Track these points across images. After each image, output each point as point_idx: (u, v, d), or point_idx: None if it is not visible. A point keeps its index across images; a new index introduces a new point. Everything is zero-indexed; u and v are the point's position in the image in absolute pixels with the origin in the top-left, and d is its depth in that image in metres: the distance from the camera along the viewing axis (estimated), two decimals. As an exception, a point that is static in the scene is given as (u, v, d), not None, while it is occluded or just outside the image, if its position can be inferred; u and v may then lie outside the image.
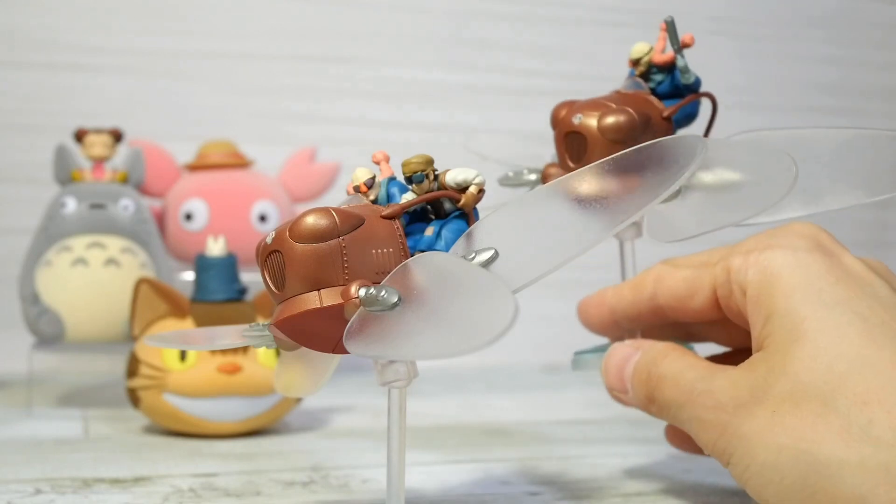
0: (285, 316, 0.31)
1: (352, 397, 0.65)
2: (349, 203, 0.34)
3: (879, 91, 0.95)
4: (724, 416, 0.32)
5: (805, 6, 0.92)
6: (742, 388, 0.32)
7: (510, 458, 0.47)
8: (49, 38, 0.75)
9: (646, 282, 0.39)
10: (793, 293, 0.33)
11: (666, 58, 0.39)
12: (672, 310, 0.38)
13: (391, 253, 0.32)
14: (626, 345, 0.38)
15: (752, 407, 0.32)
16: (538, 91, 0.85)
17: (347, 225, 0.32)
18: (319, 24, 0.81)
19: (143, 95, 0.77)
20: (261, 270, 0.32)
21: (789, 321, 0.32)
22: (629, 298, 0.39)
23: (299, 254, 0.31)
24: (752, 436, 0.31)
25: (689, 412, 0.34)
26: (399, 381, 0.33)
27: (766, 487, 0.31)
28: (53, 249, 0.57)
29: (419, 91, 0.83)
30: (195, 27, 0.78)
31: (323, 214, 0.31)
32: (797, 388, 0.31)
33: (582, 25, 0.87)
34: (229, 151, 0.66)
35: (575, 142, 0.37)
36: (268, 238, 0.32)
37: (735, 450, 0.32)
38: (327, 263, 0.31)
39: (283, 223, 0.32)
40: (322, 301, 0.31)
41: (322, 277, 0.31)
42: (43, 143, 0.65)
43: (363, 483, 0.42)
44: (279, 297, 0.32)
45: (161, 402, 0.50)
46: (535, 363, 0.81)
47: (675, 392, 0.34)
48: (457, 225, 0.33)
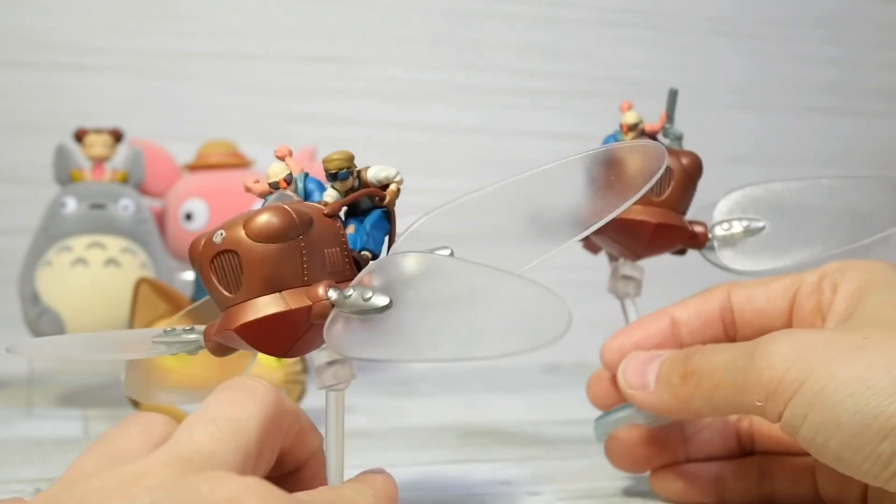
0: (249, 320, 0.30)
1: (352, 397, 0.64)
2: (279, 200, 0.32)
3: (879, 91, 0.95)
4: (799, 346, 0.31)
5: (805, 6, 0.92)
6: (822, 330, 0.32)
7: (510, 458, 0.47)
8: (49, 38, 0.75)
9: (717, 290, 0.39)
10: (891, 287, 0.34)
11: (656, 127, 0.41)
12: (740, 311, 0.38)
13: (338, 252, 0.32)
14: (647, 351, 0.37)
15: (838, 335, 0.31)
16: (538, 91, 0.85)
17: (304, 223, 0.30)
18: (319, 24, 0.81)
19: (143, 95, 0.77)
20: (202, 272, 0.30)
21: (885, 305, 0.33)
22: (697, 305, 0.39)
23: (260, 254, 0.30)
24: (836, 356, 0.30)
25: (747, 361, 0.32)
26: (340, 385, 0.33)
27: (846, 401, 0.29)
28: (53, 249, 0.57)
29: (419, 91, 0.83)
30: (195, 27, 0.78)
31: (281, 212, 0.30)
32: (885, 322, 0.31)
33: (582, 25, 0.87)
34: (229, 151, 0.66)
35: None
36: (214, 237, 0.30)
37: (814, 371, 0.30)
38: (288, 263, 0.30)
39: (230, 221, 0.30)
40: (289, 303, 0.30)
41: (284, 278, 0.30)
42: (43, 143, 0.65)
43: (363, 483, 0.42)
44: (231, 300, 0.30)
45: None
46: (535, 363, 0.81)
47: (726, 354, 0.33)
48: (381, 223, 0.33)
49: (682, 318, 0.39)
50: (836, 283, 0.35)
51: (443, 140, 0.82)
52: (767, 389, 0.31)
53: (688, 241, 0.40)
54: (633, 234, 0.39)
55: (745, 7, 0.91)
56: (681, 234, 0.39)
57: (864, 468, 0.30)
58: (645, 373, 0.36)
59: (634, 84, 0.87)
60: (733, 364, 0.33)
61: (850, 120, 0.94)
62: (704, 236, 0.40)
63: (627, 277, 0.40)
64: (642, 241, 0.39)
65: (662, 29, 0.88)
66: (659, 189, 0.38)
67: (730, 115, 0.90)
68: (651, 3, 0.88)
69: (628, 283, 0.40)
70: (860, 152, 0.94)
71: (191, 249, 0.31)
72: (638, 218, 0.38)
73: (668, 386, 0.35)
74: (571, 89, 0.86)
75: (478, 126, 0.84)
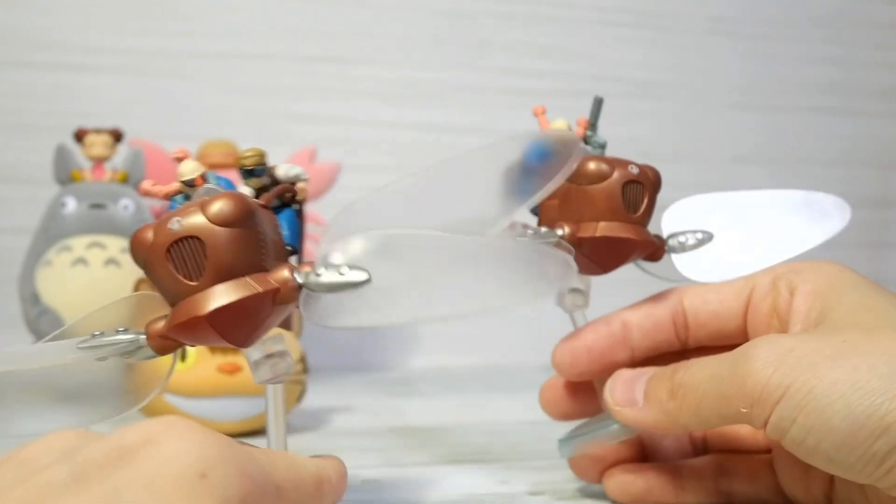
0: (221, 305, 0.29)
1: (352, 397, 0.65)
2: (208, 195, 0.31)
3: (880, 91, 0.95)
4: (781, 351, 0.31)
5: (805, 6, 0.92)
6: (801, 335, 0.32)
7: (510, 458, 0.47)
8: (49, 38, 0.75)
9: (669, 294, 0.39)
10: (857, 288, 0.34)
11: (578, 133, 0.41)
12: (694, 314, 0.38)
13: (279, 242, 0.32)
14: (633, 369, 0.38)
15: (818, 339, 0.32)
16: (538, 91, 0.85)
17: (255, 209, 0.30)
18: (319, 24, 0.81)
19: (143, 95, 0.77)
20: (154, 262, 0.30)
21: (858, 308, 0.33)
22: (649, 308, 0.39)
23: (224, 238, 0.29)
24: (821, 360, 0.31)
25: (730, 370, 0.32)
26: (278, 378, 0.33)
27: (837, 402, 0.30)
28: (53, 249, 0.57)
29: (419, 91, 0.83)
30: (195, 27, 0.78)
31: (238, 198, 0.30)
32: (861, 325, 0.32)
33: (582, 25, 0.87)
34: (229, 151, 0.66)
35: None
36: (170, 225, 0.30)
37: (799, 375, 0.31)
38: (249, 248, 0.30)
39: (180, 210, 0.30)
40: (256, 287, 0.30)
41: (246, 263, 0.30)
42: (43, 143, 0.65)
43: (363, 483, 0.42)
44: (194, 288, 0.30)
45: (161, 402, 0.50)
46: (535, 363, 0.81)
47: (709, 366, 0.34)
48: (296, 219, 0.33)
49: (632, 320, 0.39)
50: (791, 284, 0.36)
51: (443, 140, 0.82)
52: (752, 396, 0.31)
53: (652, 255, 0.40)
54: (612, 250, 0.39)
55: (745, 7, 0.91)
56: (650, 248, 0.39)
57: (857, 468, 0.30)
58: (633, 390, 0.36)
59: (634, 84, 0.87)
60: (716, 375, 0.33)
61: (851, 120, 0.94)
62: (663, 250, 0.40)
63: (576, 290, 0.41)
64: (620, 258, 0.39)
65: (662, 29, 0.88)
66: (634, 205, 0.39)
67: (730, 115, 0.90)
68: (651, 3, 0.88)
69: (577, 295, 0.41)
70: (860, 152, 0.94)
71: (137, 241, 0.30)
72: (621, 235, 0.38)
73: (656, 402, 0.35)
74: (571, 89, 0.86)
75: (478, 126, 0.84)
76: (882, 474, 0.30)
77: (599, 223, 0.38)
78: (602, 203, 0.38)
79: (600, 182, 0.38)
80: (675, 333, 0.39)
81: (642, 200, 0.39)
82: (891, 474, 0.30)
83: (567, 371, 0.40)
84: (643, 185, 0.38)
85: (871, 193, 0.93)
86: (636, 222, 0.39)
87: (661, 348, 0.39)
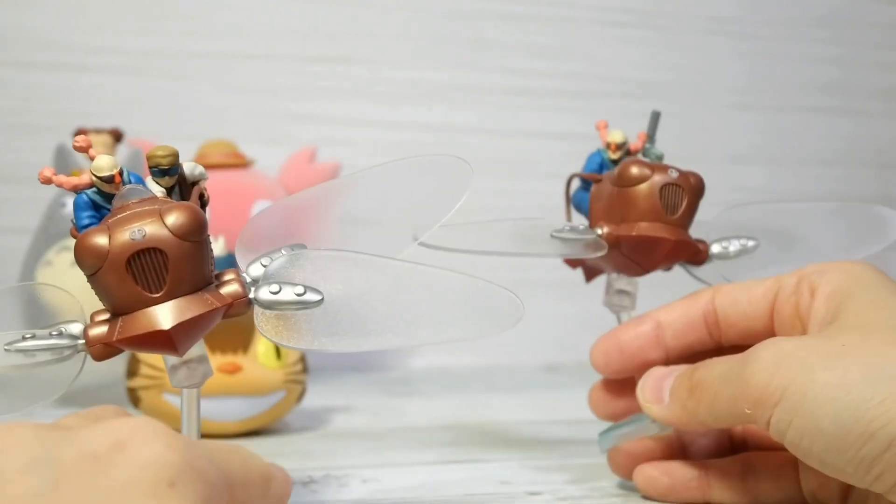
0: (185, 319, 0.29)
1: (351, 397, 0.65)
2: (133, 195, 0.31)
3: (880, 91, 0.95)
4: (781, 354, 0.32)
5: (805, 6, 0.92)
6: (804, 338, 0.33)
7: (510, 458, 0.47)
8: (49, 38, 0.75)
9: (702, 293, 0.40)
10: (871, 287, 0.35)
11: (637, 146, 0.43)
12: (724, 314, 0.39)
13: (212, 249, 0.32)
14: (665, 367, 0.39)
15: (818, 342, 0.32)
16: (538, 91, 0.85)
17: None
18: (319, 25, 0.81)
19: (143, 95, 0.77)
20: (111, 270, 0.29)
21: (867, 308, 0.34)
22: (682, 308, 0.40)
23: (187, 252, 0.29)
24: (817, 363, 0.31)
25: (738, 371, 0.33)
26: (195, 383, 0.33)
27: (826, 406, 0.30)
28: (53, 249, 0.57)
29: (419, 91, 0.83)
30: (195, 27, 0.78)
31: (193, 209, 0.30)
32: (865, 327, 0.32)
33: (582, 25, 0.86)
34: (229, 151, 0.66)
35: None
36: (132, 235, 0.29)
37: (796, 377, 0.31)
38: (205, 261, 0.30)
39: (136, 217, 0.29)
40: (213, 302, 0.30)
41: (202, 276, 0.30)
42: (43, 143, 0.65)
43: (363, 483, 0.42)
44: (154, 300, 0.30)
45: (161, 402, 0.50)
46: (535, 363, 0.81)
47: (722, 366, 0.34)
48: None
49: (666, 321, 0.40)
50: (813, 285, 0.36)
51: (443, 140, 0.82)
52: (754, 397, 0.32)
53: (692, 258, 0.41)
54: (649, 249, 0.40)
55: (745, 7, 0.91)
56: (690, 250, 0.41)
57: (847, 471, 0.31)
58: (661, 388, 0.37)
59: (634, 84, 0.87)
60: (728, 375, 0.34)
61: (850, 120, 0.94)
62: (706, 253, 0.42)
63: (623, 292, 0.42)
64: (657, 258, 0.40)
65: (662, 29, 0.88)
66: (673, 207, 0.40)
67: (730, 115, 0.90)
68: (651, 3, 0.88)
69: (624, 297, 0.42)
70: (860, 152, 0.94)
71: (88, 248, 0.29)
72: (657, 235, 0.40)
73: (678, 399, 0.36)
74: (571, 89, 0.86)
75: (478, 126, 0.84)
76: (872, 479, 0.30)
77: (638, 223, 0.40)
78: (641, 204, 0.40)
79: (640, 184, 0.40)
80: (708, 333, 0.39)
81: (681, 203, 0.40)
82: (881, 479, 0.30)
83: (603, 370, 0.41)
84: (682, 189, 0.40)
85: (870, 193, 0.93)
86: (674, 224, 0.40)
87: (694, 347, 0.40)
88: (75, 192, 0.32)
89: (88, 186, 0.32)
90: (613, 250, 0.41)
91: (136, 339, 0.30)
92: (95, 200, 0.32)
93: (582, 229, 0.41)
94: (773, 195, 0.88)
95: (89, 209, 0.32)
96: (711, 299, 0.39)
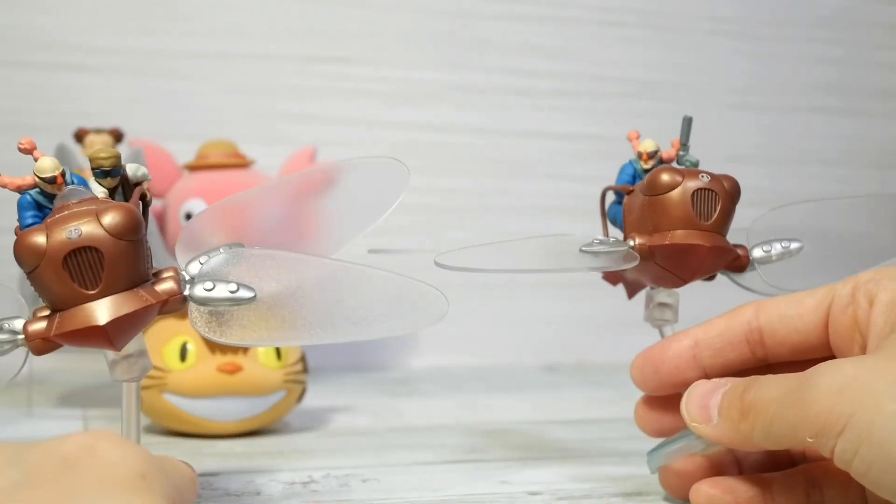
0: (119, 316, 0.30)
1: (352, 397, 0.65)
2: (74, 195, 0.32)
3: (880, 91, 0.95)
4: (843, 379, 0.30)
5: (806, 6, 0.92)
6: (864, 359, 0.31)
7: (510, 458, 0.47)
8: (49, 38, 0.75)
9: (743, 309, 0.38)
10: None
11: (671, 154, 0.42)
12: (771, 331, 0.37)
13: (150, 248, 0.33)
14: (709, 381, 0.36)
15: (880, 363, 0.31)
16: (538, 91, 0.85)
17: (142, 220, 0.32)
18: (319, 24, 0.81)
19: (143, 95, 0.77)
20: (48, 268, 0.31)
21: None
22: (721, 326, 0.38)
23: (122, 250, 0.30)
24: (883, 389, 0.29)
25: (796, 396, 0.31)
26: (134, 377, 0.34)
27: (893, 436, 0.29)
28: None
29: (419, 91, 0.83)
30: (195, 27, 0.78)
31: (129, 209, 0.31)
32: None
33: (582, 25, 0.86)
34: (229, 151, 0.66)
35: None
36: (68, 234, 0.30)
37: (860, 405, 0.30)
38: (141, 258, 0.31)
39: (73, 217, 0.31)
40: (148, 299, 0.31)
41: (138, 274, 0.31)
42: (43, 143, 0.65)
43: (363, 483, 0.42)
44: (89, 297, 0.31)
45: (161, 401, 0.50)
46: (535, 363, 0.81)
47: (777, 387, 0.33)
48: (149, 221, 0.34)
49: (704, 339, 0.38)
50: (871, 293, 0.34)
51: (443, 140, 0.82)
52: (816, 425, 0.31)
53: (732, 265, 0.40)
54: (684, 258, 0.39)
55: (745, 7, 0.91)
56: (728, 256, 0.39)
57: None
58: (708, 406, 0.35)
59: (634, 84, 0.87)
60: (785, 399, 0.32)
61: (851, 120, 0.94)
62: (746, 259, 0.40)
63: (664, 305, 0.41)
64: (693, 266, 0.39)
65: (662, 29, 0.88)
66: (706, 213, 0.39)
67: (730, 115, 0.90)
68: (651, 3, 0.88)
69: (665, 310, 0.41)
70: (861, 152, 0.94)
71: (26, 246, 0.31)
72: (691, 242, 0.38)
73: (728, 420, 0.34)
74: (571, 89, 0.86)
75: (478, 126, 0.84)
76: None
77: (671, 232, 0.38)
78: (673, 212, 0.39)
79: (671, 191, 0.39)
80: (751, 352, 0.38)
81: (714, 208, 0.39)
82: None
83: (641, 387, 0.39)
84: (716, 193, 0.38)
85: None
86: (708, 230, 0.38)
87: (734, 366, 0.38)
88: (19, 193, 0.33)
89: (32, 187, 0.33)
90: (649, 262, 0.39)
91: (73, 334, 0.31)
92: (39, 201, 0.33)
93: (612, 242, 0.39)
94: (773, 195, 0.88)
95: (32, 209, 0.33)
96: (755, 316, 0.37)
